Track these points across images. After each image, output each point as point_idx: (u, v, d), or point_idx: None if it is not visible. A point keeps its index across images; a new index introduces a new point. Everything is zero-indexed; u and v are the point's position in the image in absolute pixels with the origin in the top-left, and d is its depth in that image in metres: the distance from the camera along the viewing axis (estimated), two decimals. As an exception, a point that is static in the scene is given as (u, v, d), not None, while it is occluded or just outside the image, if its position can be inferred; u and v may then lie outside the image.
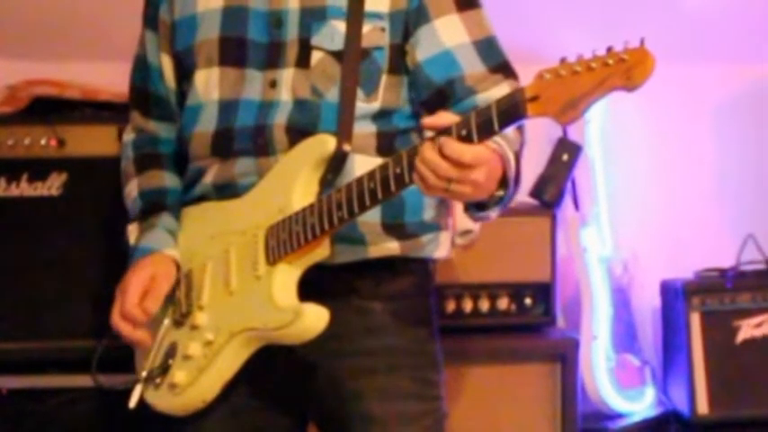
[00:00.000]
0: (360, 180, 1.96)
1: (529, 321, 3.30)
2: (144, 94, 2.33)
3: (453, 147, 1.82)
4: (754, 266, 3.61)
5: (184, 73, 2.23)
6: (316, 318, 2.01)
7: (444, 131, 1.85)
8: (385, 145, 2.13)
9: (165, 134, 2.32)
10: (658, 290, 3.67)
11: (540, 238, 3.29)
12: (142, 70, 2.32)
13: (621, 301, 3.64)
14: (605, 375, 3.52)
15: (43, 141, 3.06)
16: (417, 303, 2.21)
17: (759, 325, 3.50)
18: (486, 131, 1.82)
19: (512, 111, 1.81)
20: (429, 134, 1.91)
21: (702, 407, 3.47)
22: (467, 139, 1.83)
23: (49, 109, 3.13)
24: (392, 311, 2.16)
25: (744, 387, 3.49)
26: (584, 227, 3.58)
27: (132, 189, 2.31)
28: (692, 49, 3.72)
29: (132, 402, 2.15)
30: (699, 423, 3.48)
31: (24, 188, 3.07)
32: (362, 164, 2.06)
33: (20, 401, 3.02)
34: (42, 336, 3.06)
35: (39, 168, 3.07)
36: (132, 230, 2.26)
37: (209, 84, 2.18)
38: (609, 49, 1.75)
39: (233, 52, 2.16)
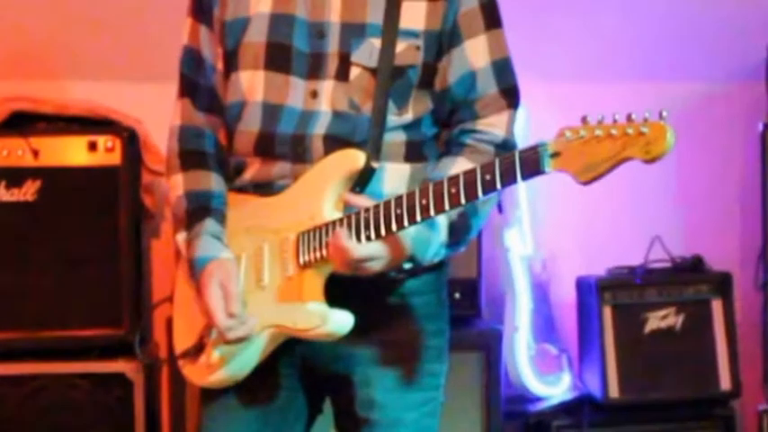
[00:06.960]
0: (387, 204, 1.99)
1: (457, 314, 3.14)
2: (194, 85, 2.29)
3: (343, 246, 1.97)
4: (660, 264, 3.78)
5: (227, 70, 2.23)
6: (340, 324, 2.07)
7: (467, 175, 1.91)
8: (413, 152, 2.17)
9: (210, 128, 2.28)
10: (574, 285, 3.81)
11: (467, 238, 3.49)
12: (192, 61, 2.28)
13: (541, 295, 3.81)
14: (526, 363, 3.70)
15: (20, 152, 3.21)
16: (429, 300, 2.23)
17: (664, 317, 3.67)
18: (509, 179, 1.87)
19: (533, 164, 1.84)
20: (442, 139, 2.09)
21: (614, 391, 3.62)
22: (490, 183, 1.88)
23: (24, 122, 3.28)
24: (404, 307, 2.19)
25: (651, 373, 3.64)
26: (508, 228, 3.73)
27: (176, 185, 2.26)
28: (607, 66, 3.87)
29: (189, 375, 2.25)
30: (610, 405, 3.63)
31: (2, 194, 3.23)
32: (392, 171, 2.13)
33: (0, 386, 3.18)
34: (19, 327, 3.22)
35: (15, 176, 3.22)
36: (180, 241, 2.23)
37: (253, 85, 2.18)
38: (629, 117, 1.75)
39: (278, 58, 2.16)
